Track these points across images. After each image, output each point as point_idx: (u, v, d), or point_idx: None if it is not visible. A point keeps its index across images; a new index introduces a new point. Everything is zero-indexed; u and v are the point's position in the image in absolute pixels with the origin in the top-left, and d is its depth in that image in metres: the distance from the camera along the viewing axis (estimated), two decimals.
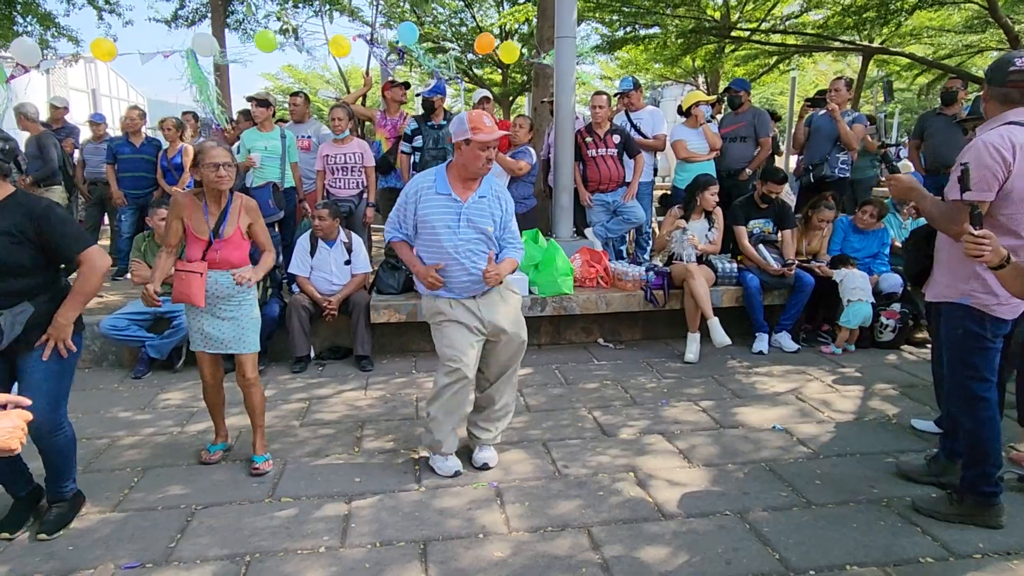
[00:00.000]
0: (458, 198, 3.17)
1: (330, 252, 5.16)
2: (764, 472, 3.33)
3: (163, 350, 4.88)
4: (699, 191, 5.39)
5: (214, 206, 3.23)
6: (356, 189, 5.99)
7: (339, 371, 5.00)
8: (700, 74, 19.19)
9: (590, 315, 5.53)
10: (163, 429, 3.98)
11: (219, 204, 3.23)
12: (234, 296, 3.27)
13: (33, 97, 12.95)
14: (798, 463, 3.43)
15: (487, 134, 3.07)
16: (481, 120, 3.09)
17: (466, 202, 3.18)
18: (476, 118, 3.09)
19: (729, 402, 4.27)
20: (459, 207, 3.17)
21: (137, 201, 6.91)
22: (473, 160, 3.10)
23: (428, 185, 3.20)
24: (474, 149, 3.08)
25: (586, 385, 4.62)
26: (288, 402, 4.38)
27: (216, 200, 3.22)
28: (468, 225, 3.17)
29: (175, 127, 6.89)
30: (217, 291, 3.25)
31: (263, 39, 7.13)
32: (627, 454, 3.54)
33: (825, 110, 6.23)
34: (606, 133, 6.09)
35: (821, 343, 5.46)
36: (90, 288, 2.71)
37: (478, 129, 3.06)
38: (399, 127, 6.48)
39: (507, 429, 3.70)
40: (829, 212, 5.60)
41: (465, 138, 3.08)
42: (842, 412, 4.10)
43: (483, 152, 3.09)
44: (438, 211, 3.16)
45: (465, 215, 3.16)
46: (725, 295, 5.45)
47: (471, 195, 3.19)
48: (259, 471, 3.35)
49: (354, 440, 3.77)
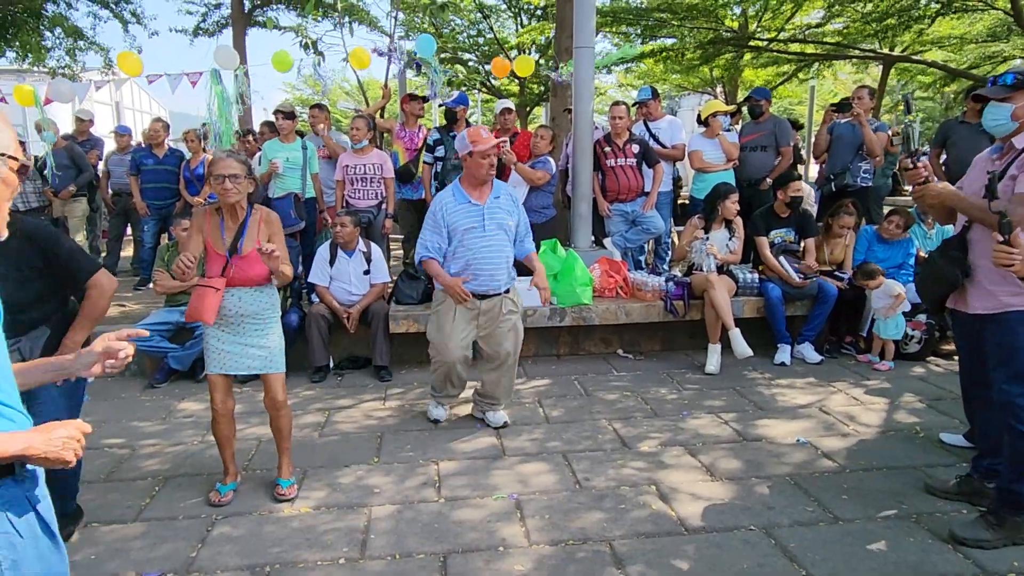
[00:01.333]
0: (476, 202, 3.74)
1: (349, 262, 5.18)
2: (789, 486, 3.28)
3: (185, 362, 4.92)
4: (720, 200, 5.36)
5: (231, 220, 3.12)
6: (375, 200, 6.02)
7: (358, 381, 5.01)
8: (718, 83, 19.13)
9: (609, 326, 5.50)
10: (183, 439, 4.00)
11: (236, 218, 3.12)
12: (260, 314, 3.15)
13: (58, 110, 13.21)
14: (824, 477, 3.38)
15: (484, 144, 3.65)
16: (478, 134, 3.68)
17: (485, 203, 3.75)
18: (473, 133, 3.68)
19: (751, 414, 4.23)
20: (480, 209, 3.74)
21: (160, 212, 7.00)
22: (477, 168, 3.68)
23: (449, 199, 3.76)
24: (476, 159, 3.66)
25: (606, 396, 4.59)
26: (307, 412, 4.38)
27: (233, 214, 3.11)
28: (491, 222, 3.73)
29: (197, 138, 6.98)
30: (240, 309, 3.13)
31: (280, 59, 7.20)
32: (649, 467, 3.51)
33: (848, 117, 6.16)
34: (625, 143, 6.07)
35: (845, 354, 5.38)
36: (98, 312, 2.68)
37: (476, 142, 3.65)
38: (417, 140, 6.52)
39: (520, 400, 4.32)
40: (849, 218, 5.53)
41: (468, 151, 3.66)
42: (867, 425, 4.04)
43: (484, 160, 3.66)
44: (463, 217, 3.72)
45: (487, 214, 3.73)
46: (746, 305, 5.39)
47: (487, 197, 3.76)
48: (284, 496, 3.24)
49: (373, 450, 3.77)
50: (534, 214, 5.66)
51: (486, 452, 3.72)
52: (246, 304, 3.14)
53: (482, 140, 3.66)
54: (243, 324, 3.15)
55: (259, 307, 3.16)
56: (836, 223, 5.57)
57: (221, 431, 3.27)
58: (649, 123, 6.62)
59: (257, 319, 3.16)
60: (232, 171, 3.01)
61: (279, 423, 3.30)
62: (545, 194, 6.00)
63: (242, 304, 3.14)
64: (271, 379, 3.21)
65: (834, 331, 5.53)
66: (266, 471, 3.52)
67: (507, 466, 3.55)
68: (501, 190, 3.81)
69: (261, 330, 3.17)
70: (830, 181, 6.35)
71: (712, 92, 20.16)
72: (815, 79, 17.42)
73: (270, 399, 3.25)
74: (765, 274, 5.48)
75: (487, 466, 3.55)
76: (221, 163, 3.02)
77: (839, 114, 6.35)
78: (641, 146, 6.11)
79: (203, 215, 3.15)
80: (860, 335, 5.45)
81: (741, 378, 4.93)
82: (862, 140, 6.12)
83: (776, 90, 17.88)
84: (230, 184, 3.00)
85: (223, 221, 3.12)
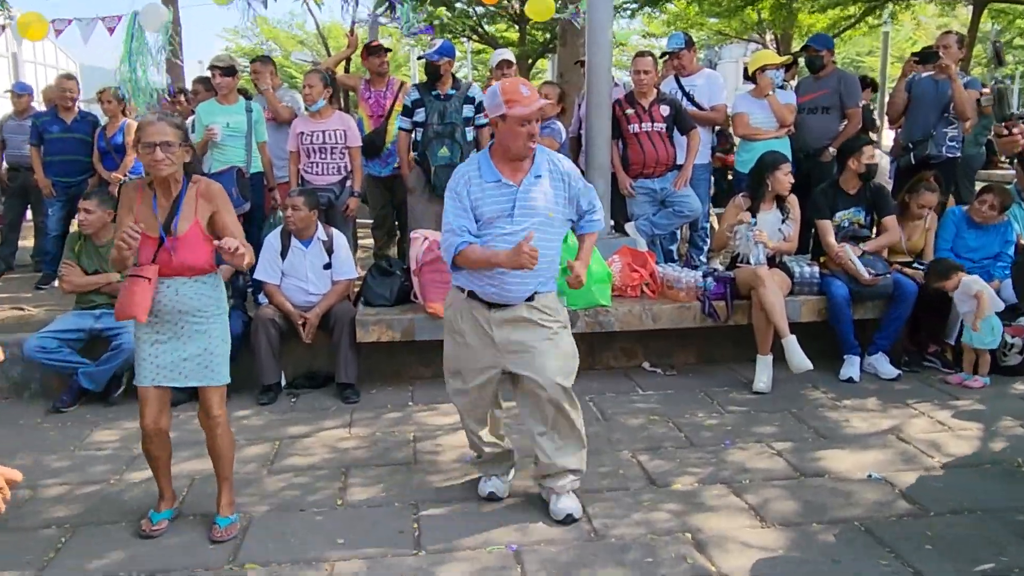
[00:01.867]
0: (510, 182, 3.29)
1: (305, 254, 5.16)
2: (858, 534, 3.27)
3: (99, 379, 4.89)
4: (768, 172, 5.32)
5: (164, 196, 3.16)
6: (337, 175, 6.01)
7: (317, 403, 4.99)
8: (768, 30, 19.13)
9: (632, 333, 5.48)
10: (96, 477, 3.97)
11: (170, 194, 3.16)
12: (202, 310, 3.20)
13: None
14: (902, 522, 3.37)
15: (525, 106, 3.17)
16: (517, 90, 3.21)
17: (520, 185, 3.30)
18: (511, 88, 3.22)
19: (811, 443, 4.22)
20: (513, 192, 3.29)
21: (68, 191, 6.98)
22: (513, 138, 3.23)
23: (474, 174, 3.32)
24: (512, 125, 3.20)
25: (629, 421, 4.58)
26: (254, 443, 4.36)
27: (166, 189, 3.15)
28: (524, 210, 3.27)
29: (116, 99, 6.95)
30: (178, 304, 3.17)
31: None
32: (683, 510, 3.50)
33: (933, 71, 6.14)
34: (651, 104, 6.06)
35: (928, 367, 5.37)
36: None
37: (514, 102, 3.17)
38: (385, 102, 6.51)
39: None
40: (931, 196, 5.52)
41: (500, 113, 3.20)
42: (956, 456, 4.04)
43: (523, 128, 3.20)
44: (491, 201, 3.27)
45: (521, 201, 3.28)
46: (805, 307, 5.38)
47: (524, 177, 3.31)
48: (222, 537, 3.27)
49: (336, 491, 3.75)
50: None
51: (478, 493, 3.69)
52: (185, 298, 3.16)
53: (523, 99, 3.18)
54: (181, 323, 3.18)
55: (201, 302, 3.19)
56: (915, 202, 5.56)
57: (154, 452, 3.33)
58: (682, 79, 6.62)
59: (199, 316, 3.20)
60: (164, 137, 3.03)
61: (217, 444, 3.33)
62: None
63: (180, 298, 3.16)
64: (208, 392, 3.26)
65: (914, 338, 5.53)
66: (201, 516, 3.49)
67: (504, 509, 3.53)
68: (544, 166, 3.35)
69: (203, 330, 3.20)
70: (908, 151, 6.35)
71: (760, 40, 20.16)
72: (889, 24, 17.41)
73: (204, 413, 3.29)
74: (828, 267, 5.47)
75: (478, 510, 3.52)
76: (150, 128, 3.04)
77: (922, 66, 6.32)
78: (672, 108, 6.10)
79: (134, 190, 3.19)
80: (947, 343, 5.43)
81: (798, 398, 4.92)
82: (948, 99, 6.11)
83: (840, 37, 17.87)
84: (162, 153, 3.02)
85: (155, 198, 3.15)
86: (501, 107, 3.18)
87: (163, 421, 3.28)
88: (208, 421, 3.30)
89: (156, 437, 3.28)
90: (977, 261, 5.51)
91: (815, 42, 6.60)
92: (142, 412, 3.24)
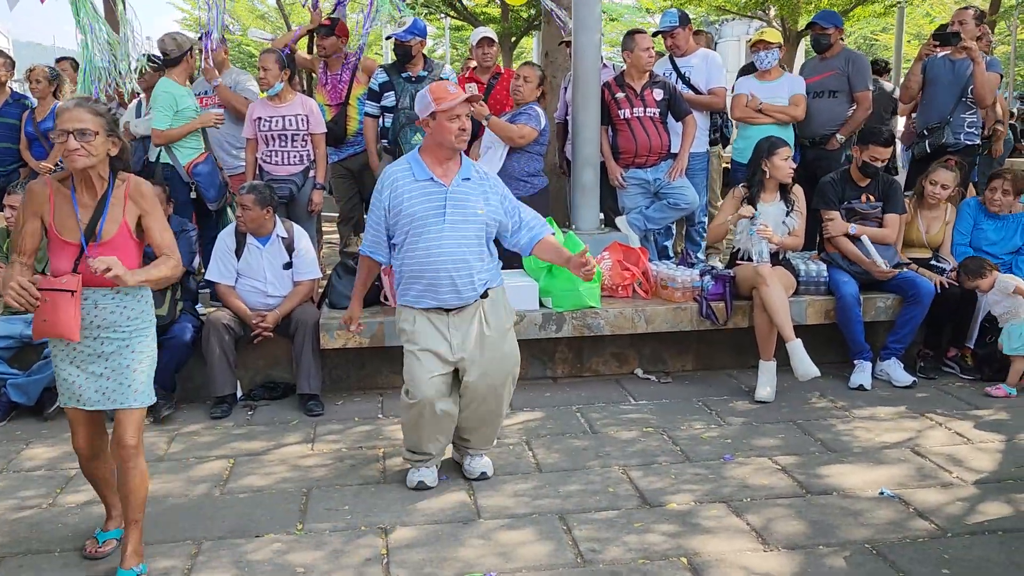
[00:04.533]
0: (441, 182, 3.76)
1: (263, 252, 5.13)
2: (869, 558, 3.28)
3: (31, 392, 4.84)
4: (764, 157, 5.31)
5: (87, 194, 3.06)
6: (299, 165, 5.98)
7: (276, 416, 4.97)
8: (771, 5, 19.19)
9: (624, 336, 5.50)
10: (28, 501, 3.92)
11: (94, 192, 3.06)
12: (123, 325, 3.11)
13: None
14: (917, 544, 3.38)
15: (450, 99, 3.67)
16: (443, 88, 3.76)
17: (450, 185, 3.76)
18: (438, 88, 3.76)
19: (818, 458, 4.24)
20: (444, 191, 3.75)
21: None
22: (445, 133, 3.71)
23: (403, 174, 3.80)
24: (441, 121, 3.69)
25: (620, 434, 4.59)
26: (205, 460, 4.34)
27: (89, 186, 3.05)
28: (456, 210, 3.73)
29: (47, 79, 6.86)
30: (97, 318, 3.08)
31: None
32: (679, 531, 3.50)
33: (954, 51, 6.14)
34: (644, 87, 6.06)
35: (947, 373, 5.41)
36: None
37: (441, 98, 3.68)
38: (342, 87, 6.50)
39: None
40: (947, 173, 5.53)
41: (430, 111, 3.70)
42: (977, 472, 4.05)
43: (452, 122, 3.69)
44: (421, 201, 3.72)
45: (452, 200, 3.74)
46: (811, 308, 5.40)
47: (454, 177, 3.79)
48: None
49: (297, 514, 3.73)
50: (517, 184, 5.63)
51: (454, 514, 3.69)
52: (105, 311, 3.08)
53: (448, 95, 3.69)
54: (100, 339, 3.10)
55: (124, 315, 3.11)
56: (927, 182, 5.57)
57: (92, 472, 3.30)
58: (677, 59, 6.62)
59: (121, 332, 3.12)
60: (79, 124, 2.94)
61: (126, 480, 3.16)
62: (532, 157, 5.95)
63: (100, 312, 3.08)
64: (121, 416, 3.13)
65: (931, 342, 5.55)
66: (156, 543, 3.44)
67: (483, 533, 3.53)
68: (472, 169, 3.87)
69: (125, 346, 3.12)
70: (924, 138, 6.38)
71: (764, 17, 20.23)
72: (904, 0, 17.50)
73: (115, 442, 3.15)
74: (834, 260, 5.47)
75: (455, 533, 3.52)
76: (66, 114, 2.97)
77: (941, 48, 6.31)
78: (666, 91, 6.11)
79: (43, 190, 3.08)
80: (967, 348, 5.47)
81: (804, 408, 4.93)
82: (966, 81, 6.15)
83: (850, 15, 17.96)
84: (75, 142, 2.94)
85: (75, 195, 3.06)
86: (430, 106, 3.67)
87: (98, 443, 3.23)
88: (120, 451, 3.14)
89: (92, 460, 3.24)
90: (999, 256, 5.55)
91: (821, 19, 6.57)
92: (72, 433, 3.20)
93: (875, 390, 5.20)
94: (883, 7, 17.66)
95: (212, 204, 5.94)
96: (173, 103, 5.84)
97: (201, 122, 5.92)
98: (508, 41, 18.07)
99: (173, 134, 5.82)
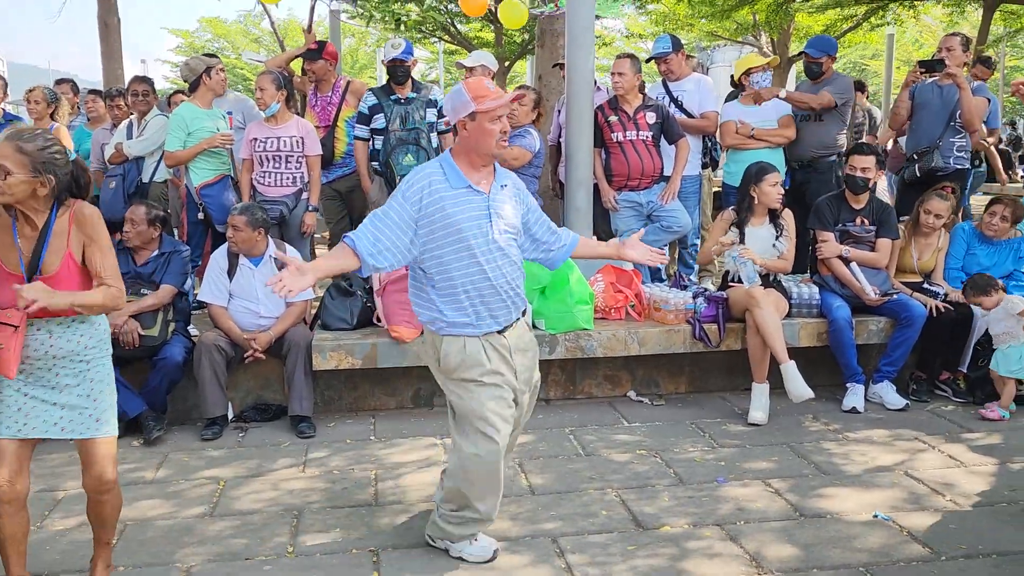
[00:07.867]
0: (481, 189, 3.32)
1: (255, 273, 5.13)
2: None
3: None
4: (753, 183, 5.36)
5: (28, 226, 2.90)
6: (292, 186, 6.00)
7: (268, 438, 4.94)
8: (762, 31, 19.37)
9: (617, 359, 5.49)
10: None
11: (35, 223, 2.90)
12: (78, 353, 2.98)
13: None
14: (911, 568, 3.37)
15: (494, 100, 3.22)
16: (482, 86, 3.28)
17: (490, 193, 3.34)
18: (476, 84, 3.29)
19: (812, 480, 4.23)
20: (485, 200, 3.31)
21: None
22: (486, 136, 3.24)
23: (438, 178, 3.29)
24: (482, 123, 3.22)
25: (613, 457, 4.58)
26: (194, 482, 4.31)
27: (28, 218, 2.89)
28: (500, 220, 3.32)
29: (46, 101, 6.87)
30: (51, 348, 2.94)
31: None
32: (673, 556, 3.49)
33: (940, 77, 6.19)
34: (636, 110, 6.10)
35: (940, 396, 5.41)
36: None
37: (482, 97, 3.21)
38: (331, 109, 6.53)
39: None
40: (941, 203, 5.56)
41: (468, 112, 3.22)
42: (970, 496, 4.05)
43: (494, 124, 3.23)
44: (463, 210, 3.26)
45: (494, 209, 3.32)
46: (803, 330, 5.42)
47: (492, 183, 3.37)
48: None
49: (287, 537, 3.71)
50: None
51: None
52: (61, 341, 2.95)
53: (490, 93, 3.23)
54: (54, 369, 2.97)
55: (80, 344, 2.98)
56: (923, 209, 5.59)
57: (6, 524, 2.94)
58: (670, 84, 6.67)
59: (75, 361, 2.98)
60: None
61: (102, 510, 3.10)
62: (527, 179, 5.99)
63: (55, 341, 2.94)
64: (93, 448, 3.00)
65: (924, 365, 5.56)
66: (133, 568, 3.42)
67: None
68: (505, 175, 3.47)
69: (81, 375, 2.99)
70: (913, 162, 6.41)
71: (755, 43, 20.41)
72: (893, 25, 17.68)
73: (93, 478, 3.02)
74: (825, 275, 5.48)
75: (447, 556, 3.49)
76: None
77: (928, 75, 6.34)
78: (659, 114, 6.14)
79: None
80: (960, 371, 5.47)
81: (798, 430, 4.94)
82: (954, 106, 6.19)
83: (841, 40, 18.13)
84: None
85: (15, 225, 2.89)
86: (470, 104, 3.20)
87: (19, 485, 2.95)
88: (100, 487, 3.03)
89: (8, 506, 2.91)
90: None
91: (814, 47, 6.59)
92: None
93: (868, 413, 5.20)
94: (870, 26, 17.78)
95: (220, 226, 5.93)
96: (184, 125, 5.91)
97: (208, 143, 5.92)
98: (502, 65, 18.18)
99: (182, 155, 5.87)
